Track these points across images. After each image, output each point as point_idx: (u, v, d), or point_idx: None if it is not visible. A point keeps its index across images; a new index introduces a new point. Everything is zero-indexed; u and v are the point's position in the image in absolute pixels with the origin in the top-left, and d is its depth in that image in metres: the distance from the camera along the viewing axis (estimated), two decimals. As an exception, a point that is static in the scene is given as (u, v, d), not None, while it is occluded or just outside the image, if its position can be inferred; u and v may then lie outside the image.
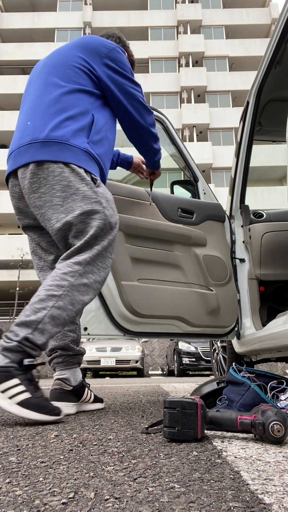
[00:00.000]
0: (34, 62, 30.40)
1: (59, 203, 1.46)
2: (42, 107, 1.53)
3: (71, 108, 1.53)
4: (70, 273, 1.41)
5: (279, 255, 2.61)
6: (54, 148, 1.46)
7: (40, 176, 1.47)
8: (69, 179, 1.47)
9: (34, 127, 1.50)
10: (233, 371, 1.26)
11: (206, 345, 10.26)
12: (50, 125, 1.48)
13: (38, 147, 1.47)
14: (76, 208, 1.46)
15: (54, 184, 1.46)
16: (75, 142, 1.50)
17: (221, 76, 29.74)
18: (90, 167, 1.54)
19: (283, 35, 2.00)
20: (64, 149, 1.47)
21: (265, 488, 0.63)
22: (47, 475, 0.72)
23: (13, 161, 1.55)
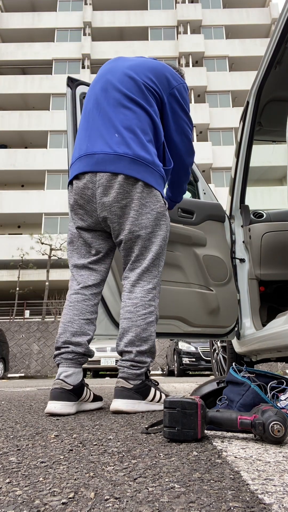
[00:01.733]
0: (34, 62, 30.43)
1: (135, 217, 1.65)
2: (126, 124, 1.64)
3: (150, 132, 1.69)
4: (152, 298, 1.67)
5: (279, 255, 2.61)
6: (142, 169, 1.62)
7: (125, 189, 1.63)
8: (146, 199, 1.65)
9: (121, 141, 1.62)
10: (233, 371, 1.26)
11: (206, 345, 10.26)
12: (138, 144, 1.63)
13: (127, 162, 1.61)
14: (149, 225, 1.66)
15: (135, 199, 1.64)
16: (157, 166, 1.68)
17: (221, 76, 29.75)
18: (163, 191, 1.73)
19: (283, 35, 2.00)
20: (148, 170, 1.64)
21: (265, 488, 0.63)
22: (47, 475, 0.72)
23: (96, 164, 1.63)
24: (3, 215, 26.26)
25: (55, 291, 24.02)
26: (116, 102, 1.68)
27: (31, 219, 26.76)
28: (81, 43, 30.21)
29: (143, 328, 1.61)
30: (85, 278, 1.75)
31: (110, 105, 1.68)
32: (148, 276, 1.68)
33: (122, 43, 30.68)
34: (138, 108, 1.66)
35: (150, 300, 1.65)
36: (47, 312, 20.26)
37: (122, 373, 1.61)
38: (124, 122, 1.64)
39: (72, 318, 1.69)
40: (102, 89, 1.75)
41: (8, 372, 15.29)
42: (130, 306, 1.64)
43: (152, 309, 1.65)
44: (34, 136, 28.66)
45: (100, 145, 1.64)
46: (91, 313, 1.72)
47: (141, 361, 1.61)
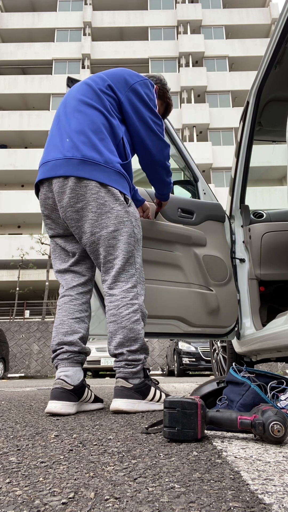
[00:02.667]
0: (34, 62, 30.43)
1: (94, 218, 1.64)
2: (78, 127, 1.66)
3: (105, 131, 1.68)
4: (134, 297, 1.66)
5: (279, 255, 2.61)
6: (92, 168, 1.62)
7: (78, 192, 1.63)
8: (104, 199, 1.64)
9: (71, 145, 1.64)
10: (233, 371, 1.26)
11: (206, 345, 10.26)
12: (88, 145, 1.63)
13: (76, 163, 1.62)
14: (110, 224, 1.64)
15: (91, 201, 1.63)
16: (110, 163, 1.65)
17: (221, 76, 29.74)
18: (124, 187, 1.71)
19: (283, 35, 2.00)
20: (99, 169, 1.63)
21: (265, 488, 0.63)
22: (47, 475, 0.72)
23: (49, 171, 1.68)
24: (3, 215, 26.26)
25: (55, 291, 24.01)
26: (71, 109, 1.73)
27: (31, 219, 26.77)
28: (81, 43, 30.21)
29: (130, 328, 1.62)
30: (68, 280, 1.79)
31: (66, 113, 1.73)
32: (125, 276, 1.67)
33: (122, 43, 30.67)
34: (91, 110, 1.69)
35: (132, 299, 1.65)
36: (47, 312, 20.26)
37: (119, 373, 1.63)
38: (76, 126, 1.67)
39: (62, 319, 1.71)
40: (63, 103, 1.82)
41: (8, 372, 15.30)
42: (112, 309, 1.65)
43: (136, 307, 1.64)
44: (34, 136, 28.66)
45: (53, 153, 1.68)
46: (79, 312, 1.73)
47: (134, 359, 1.62)
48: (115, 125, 1.72)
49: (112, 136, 1.70)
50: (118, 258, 1.66)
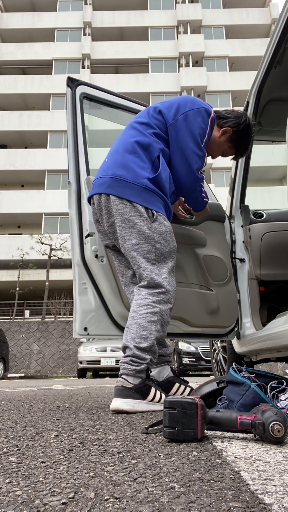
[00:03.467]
0: (34, 62, 30.42)
1: (119, 232, 1.78)
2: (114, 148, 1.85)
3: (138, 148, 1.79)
4: (158, 302, 1.70)
5: (279, 255, 2.61)
6: (119, 185, 1.75)
7: (109, 208, 1.80)
8: (129, 214, 1.75)
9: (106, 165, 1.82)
10: (233, 371, 1.26)
11: (206, 345, 10.26)
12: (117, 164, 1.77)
13: (107, 181, 1.78)
14: (132, 238, 1.75)
15: (117, 216, 1.77)
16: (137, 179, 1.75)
17: (221, 76, 29.73)
18: (149, 202, 1.76)
19: (283, 35, 2.00)
20: (126, 186, 1.74)
21: (265, 488, 0.63)
22: (47, 475, 0.72)
23: (92, 189, 1.89)
24: (3, 215, 26.25)
25: (55, 291, 24.01)
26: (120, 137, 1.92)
27: (31, 219, 26.76)
28: (81, 43, 30.20)
29: (143, 326, 1.65)
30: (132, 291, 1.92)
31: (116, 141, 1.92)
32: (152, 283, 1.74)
33: (122, 43, 30.67)
34: (132, 131, 1.83)
35: (155, 302, 1.69)
36: (47, 312, 20.25)
37: (123, 369, 1.65)
38: (113, 147, 1.85)
39: None
40: None
41: (8, 372, 15.30)
42: (134, 306, 1.71)
43: (156, 310, 1.69)
44: (34, 136, 28.65)
45: (98, 173, 1.88)
46: None
47: (140, 357, 1.64)
48: (150, 144, 1.79)
49: (145, 154, 1.78)
50: (141, 268, 1.75)
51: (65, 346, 16.61)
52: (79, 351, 11.26)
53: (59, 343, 16.72)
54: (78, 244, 2.11)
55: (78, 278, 2.13)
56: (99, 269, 2.07)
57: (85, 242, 2.10)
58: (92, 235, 2.08)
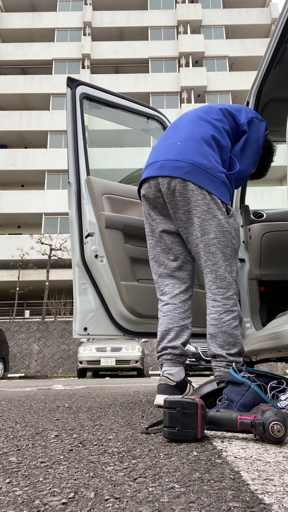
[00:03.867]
0: (34, 62, 30.42)
1: (197, 223, 1.72)
2: (191, 134, 1.77)
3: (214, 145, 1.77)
4: (234, 304, 1.72)
5: (279, 255, 2.61)
6: (199, 173, 1.70)
7: (185, 196, 1.72)
8: (209, 206, 1.71)
9: (182, 149, 1.73)
10: (233, 371, 1.26)
11: (206, 345, 10.25)
12: (198, 152, 1.72)
13: (185, 167, 1.70)
14: (211, 231, 1.71)
15: (196, 206, 1.71)
16: (219, 173, 1.73)
17: (221, 76, 29.73)
18: (226, 197, 1.77)
19: (283, 35, 2.00)
20: (206, 176, 1.70)
21: (265, 488, 0.63)
22: (47, 475, 0.72)
23: (157, 170, 1.77)
24: (3, 215, 26.24)
25: (55, 291, 24.01)
26: (188, 120, 1.86)
27: (31, 219, 26.75)
28: (81, 43, 30.20)
29: (229, 334, 1.69)
30: (170, 287, 1.88)
31: (182, 123, 1.87)
32: (225, 283, 1.74)
33: (122, 43, 30.67)
34: (208, 124, 1.81)
35: (232, 306, 1.72)
36: (47, 312, 20.25)
37: (219, 372, 1.70)
38: (189, 133, 1.79)
39: (167, 327, 1.83)
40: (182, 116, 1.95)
41: (8, 372, 15.30)
42: (214, 313, 1.72)
43: (236, 314, 1.72)
44: (34, 136, 28.65)
45: (163, 154, 1.79)
46: (183, 319, 1.85)
47: (236, 362, 1.70)
48: (227, 145, 1.81)
49: (220, 151, 1.79)
50: (217, 265, 1.73)
51: (65, 346, 16.61)
52: (79, 351, 11.26)
53: (59, 343, 16.73)
54: (78, 244, 2.11)
55: (78, 278, 2.13)
56: (99, 269, 2.07)
57: (85, 242, 2.10)
58: (92, 235, 2.08)
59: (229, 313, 1.71)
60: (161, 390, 1.75)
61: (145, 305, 2.10)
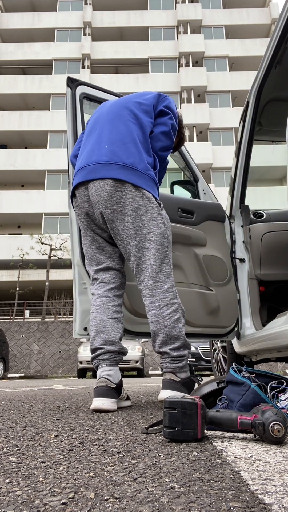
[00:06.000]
0: (34, 62, 30.42)
1: (129, 221, 1.72)
2: (117, 137, 1.78)
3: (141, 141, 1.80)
4: (173, 296, 1.71)
5: (279, 255, 2.61)
6: (129, 172, 1.72)
7: (114, 196, 1.72)
8: (139, 202, 1.72)
9: (112, 151, 1.75)
10: (233, 371, 1.26)
11: (206, 345, 10.26)
12: (127, 153, 1.74)
13: (115, 168, 1.71)
14: (144, 227, 1.72)
15: (126, 205, 1.72)
16: (147, 170, 1.76)
17: (221, 76, 29.73)
18: (155, 193, 1.80)
19: (283, 35, 2.00)
20: (136, 174, 1.72)
21: (265, 488, 0.63)
22: (47, 475, 0.72)
23: (88, 174, 1.77)
24: (3, 215, 26.24)
25: (55, 291, 24.01)
26: (109, 120, 1.87)
27: (31, 219, 26.76)
28: (81, 43, 30.20)
29: (171, 327, 1.68)
30: (106, 280, 1.89)
31: (103, 123, 1.88)
32: (163, 276, 1.73)
33: (122, 43, 30.66)
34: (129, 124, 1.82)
35: (172, 298, 1.71)
36: (47, 312, 20.25)
37: (166, 368, 1.70)
38: (115, 135, 1.80)
39: (102, 319, 1.82)
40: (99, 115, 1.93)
41: (8, 372, 15.30)
42: (154, 309, 1.71)
43: (176, 307, 1.71)
44: (34, 136, 28.65)
45: (93, 158, 1.79)
46: (117, 313, 1.86)
47: (179, 355, 1.69)
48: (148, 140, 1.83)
49: (146, 149, 1.81)
50: (153, 259, 1.72)
51: (65, 346, 16.61)
52: (79, 351, 11.26)
53: (59, 343, 16.73)
54: (78, 244, 2.11)
55: (78, 278, 2.13)
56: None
57: (85, 242, 2.10)
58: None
59: (168, 306, 1.69)
60: (101, 393, 1.69)
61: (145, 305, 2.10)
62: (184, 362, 1.70)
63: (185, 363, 1.71)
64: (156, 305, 1.70)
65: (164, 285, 1.72)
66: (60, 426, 1.30)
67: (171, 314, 1.69)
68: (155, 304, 1.70)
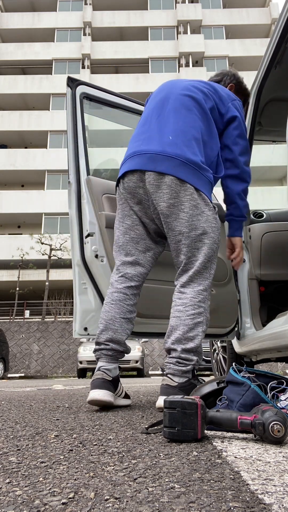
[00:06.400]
0: (34, 62, 30.41)
1: (185, 218, 1.65)
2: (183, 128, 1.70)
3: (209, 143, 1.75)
4: (203, 300, 1.66)
5: (279, 255, 2.61)
6: (190, 172, 1.65)
7: (173, 189, 1.65)
8: (197, 201, 1.67)
9: (176, 144, 1.66)
10: (233, 371, 1.26)
11: (206, 345, 10.25)
12: (191, 150, 1.67)
13: (177, 164, 1.64)
14: (199, 227, 1.66)
15: (184, 201, 1.65)
16: (206, 172, 1.70)
17: (221, 76, 29.70)
18: (210, 196, 1.74)
19: (283, 35, 2.00)
20: (196, 175, 1.66)
21: (265, 488, 0.63)
22: (47, 475, 0.72)
23: (147, 163, 1.69)
24: (3, 215, 26.24)
25: (55, 291, 24.01)
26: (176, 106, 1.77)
27: (31, 219, 26.76)
28: (81, 43, 30.20)
29: (191, 327, 1.61)
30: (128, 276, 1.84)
31: (169, 109, 1.78)
32: (199, 278, 1.68)
33: (122, 43, 30.67)
34: (195, 116, 1.75)
35: (200, 301, 1.65)
36: (47, 312, 20.26)
37: (169, 369, 1.63)
38: (181, 126, 1.71)
39: (114, 316, 1.78)
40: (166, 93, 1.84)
41: (8, 372, 15.30)
42: (180, 305, 1.66)
43: (202, 311, 1.65)
44: (34, 136, 28.65)
45: (152, 145, 1.71)
46: (130, 313, 1.81)
47: (187, 359, 1.61)
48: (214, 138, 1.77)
49: (206, 147, 1.74)
50: (199, 261, 1.67)
51: (65, 346, 16.61)
52: (79, 351, 11.26)
53: (59, 343, 16.73)
54: (78, 244, 2.11)
55: (78, 278, 2.13)
56: (99, 269, 2.07)
57: (85, 242, 2.10)
58: (92, 235, 2.08)
59: (195, 307, 1.63)
60: (98, 385, 1.69)
61: (145, 305, 2.10)
62: (189, 367, 1.61)
63: (190, 369, 1.62)
64: (183, 302, 1.65)
65: (198, 286, 1.67)
66: (60, 426, 1.30)
67: (195, 315, 1.62)
68: (182, 300, 1.65)
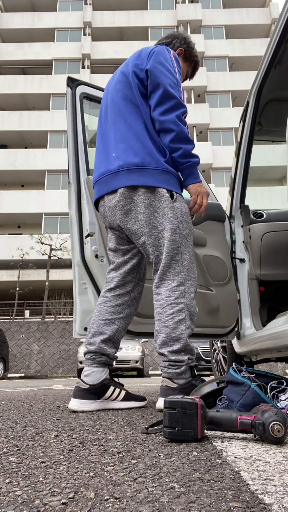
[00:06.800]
0: (34, 62, 30.41)
1: (142, 219, 1.66)
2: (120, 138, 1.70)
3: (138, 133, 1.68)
4: (180, 296, 1.61)
5: (279, 255, 2.61)
6: (137, 174, 1.64)
7: (126, 195, 1.67)
8: (151, 199, 1.65)
9: (119, 158, 1.68)
10: (233, 371, 1.26)
11: (206, 345, 10.26)
12: (133, 152, 1.65)
13: (122, 175, 1.66)
14: (158, 224, 1.65)
15: (138, 203, 1.66)
16: (155, 163, 1.65)
17: (221, 76, 29.73)
18: (170, 184, 1.67)
19: (283, 35, 2.00)
20: (145, 173, 1.64)
21: (265, 488, 0.63)
22: (47, 475, 0.72)
23: (102, 188, 1.75)
24: (3, 215, 26.24)
25: (55, 291, 24.00)
26: (112, 117, 1.78)
27: (31, 219, 26.75)
28: (81, 43, 30.20)
29: (173, 328, 1.58)
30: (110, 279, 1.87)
31: (108, 122, 1.81)
32: (171, 274, 1.64)
33: (122, 43, 30.66)
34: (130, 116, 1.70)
35: (178, 298, 1.60)
36: (47, 312, 20.25)
37: (164, 373, 1.63)
38: (119, 137, 1.71)
39: (93, 319, 1.80)
40: (105, 105, 1.87)
41: (8, 372, 15.30)
42: (158, 307, 1.64)
43: (181, 307, 1.60)
44: (34, 136, 28.64)
45: (101, 169, 1.77)
46: (111, 314, 1.80)
47: (177, 360, 1.58)
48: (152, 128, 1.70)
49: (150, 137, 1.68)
50: (163, 256, 1.64)
51: (65, 346, 16.60)
52: (79, 351, 11.25)
53: (59, 343, 16.72)
54: (78, 244, 2.11)
55: (78, 278, 2.13)
56: (99, 269, 2.07)
57: (85, 242, 2.10)
58: (92, 235, 2.08)
59: (172, 306, 1.59)
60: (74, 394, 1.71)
61: (145, 305, 2.10)
62: (183, 368, 1.59)
63: (184, 370, 1.60)
64: (160, 304, 1.62)
65: (171, 283, 1.62)
66: (60, 426, 1.30)
67: (174, 314, 1.59)
68: (159, 302, 1.63)
